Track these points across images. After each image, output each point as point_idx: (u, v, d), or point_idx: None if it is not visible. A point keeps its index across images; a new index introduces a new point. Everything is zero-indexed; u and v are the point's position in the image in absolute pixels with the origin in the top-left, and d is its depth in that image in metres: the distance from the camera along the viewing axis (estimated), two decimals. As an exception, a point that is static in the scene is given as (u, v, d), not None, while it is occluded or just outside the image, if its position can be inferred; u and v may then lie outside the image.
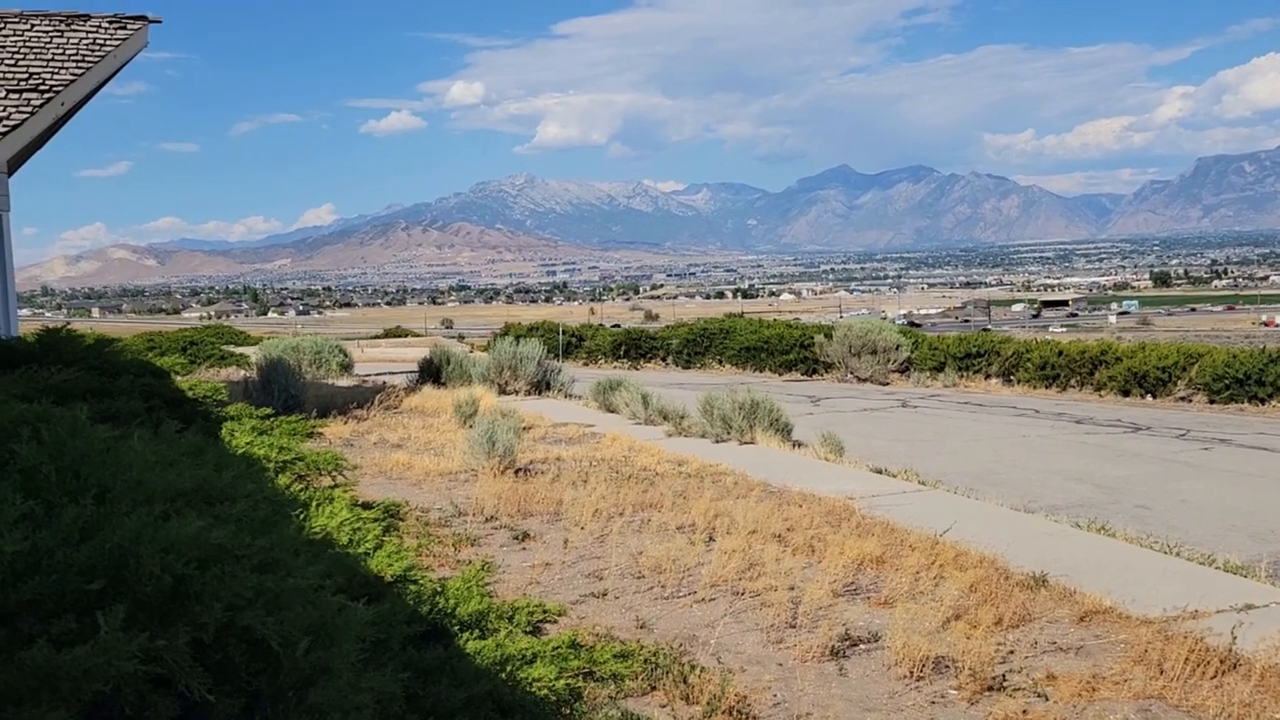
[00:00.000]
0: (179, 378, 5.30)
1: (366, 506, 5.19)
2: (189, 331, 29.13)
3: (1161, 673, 5.28)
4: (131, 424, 3.66)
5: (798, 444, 13.34)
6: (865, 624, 6.36)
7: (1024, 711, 4.90)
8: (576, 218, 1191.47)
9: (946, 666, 5.60)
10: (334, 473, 5.37)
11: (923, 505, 9.40)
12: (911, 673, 5.51)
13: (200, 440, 2.75)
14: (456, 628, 3.18)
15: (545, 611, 3.46)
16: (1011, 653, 5.76)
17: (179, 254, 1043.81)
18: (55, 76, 13.04)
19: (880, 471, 11.27)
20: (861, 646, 6.02)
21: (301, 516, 2.54)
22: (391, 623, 2.74)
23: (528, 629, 3.37)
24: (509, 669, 2.69)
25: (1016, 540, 7.96)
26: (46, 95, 12.69)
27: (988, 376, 24.15)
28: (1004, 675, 5.42)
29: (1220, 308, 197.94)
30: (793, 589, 6.87)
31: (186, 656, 1.39)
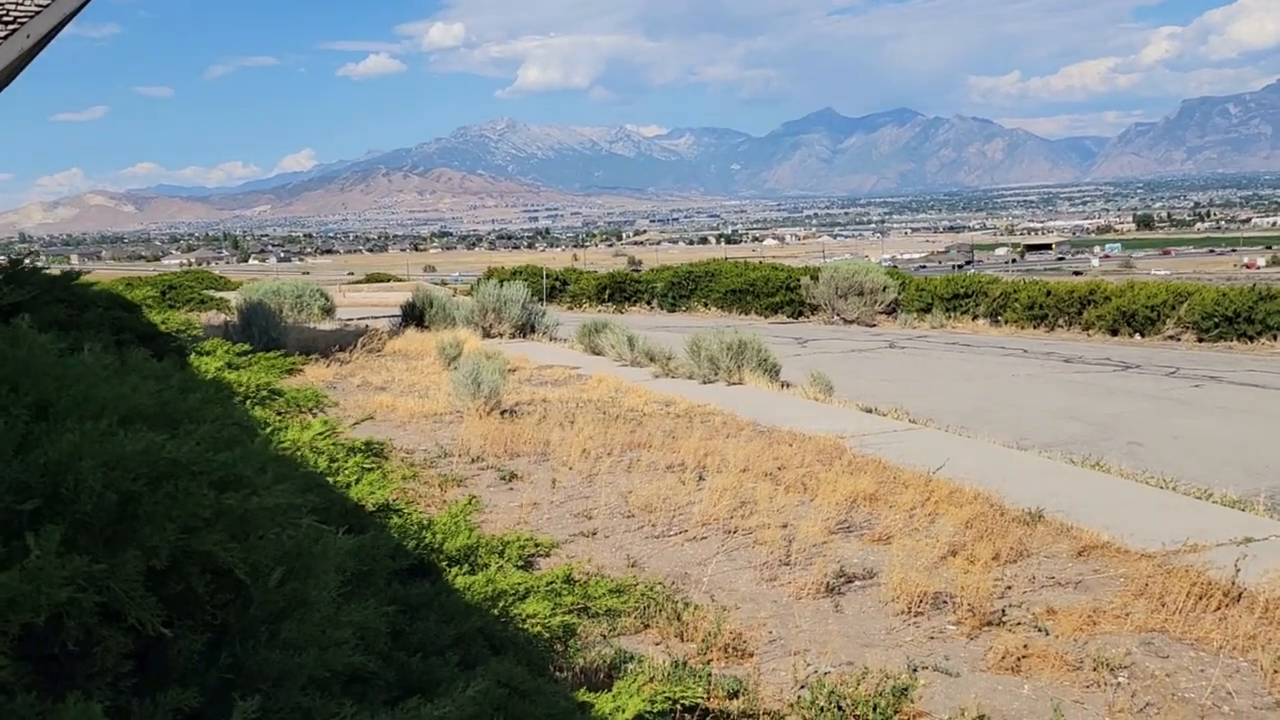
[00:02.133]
0: (151, 312, 5.07)
1: (348, 447, 5.00)
2: (169, 276, 28.67)
3: (1163, 606, 5.19)
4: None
5: (786, 384, 13.20)
6: (860, 561, 6.26)
7: (1024, 646, 4.81)
8: (559, 163, 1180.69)
9: (944, 602, 5.50)
10: (315, 409, 5.17)
11: (914, 443, 9.29)
12: (909, 608, 5.42)
13: (167, 366, 2.55)
14: (445, 563, 3.02)
15: (537, 545, 3.31)
16: (1010, 588, 5.67)
17: (157, 200, 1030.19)
18: (20, 7, 12.55)
19: (870, 411, 11.15)
20: (857, 583, 5.92)
21: (272, 435, 2.35)
22: (375, 555, 2.57)
23: (519, 564, 3.22)
24: (501, 605, 2.52)
25: (1011, 477, 7.87)
26: (11, 26, 12.22)
27: (975, 318, 24.05)
28: (1003, 610, 5.33)
29: (1204, 250, 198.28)
30: (785, 527, 6.76)
31: (136, 585, 1.21)
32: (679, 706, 4.01)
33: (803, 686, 4.46)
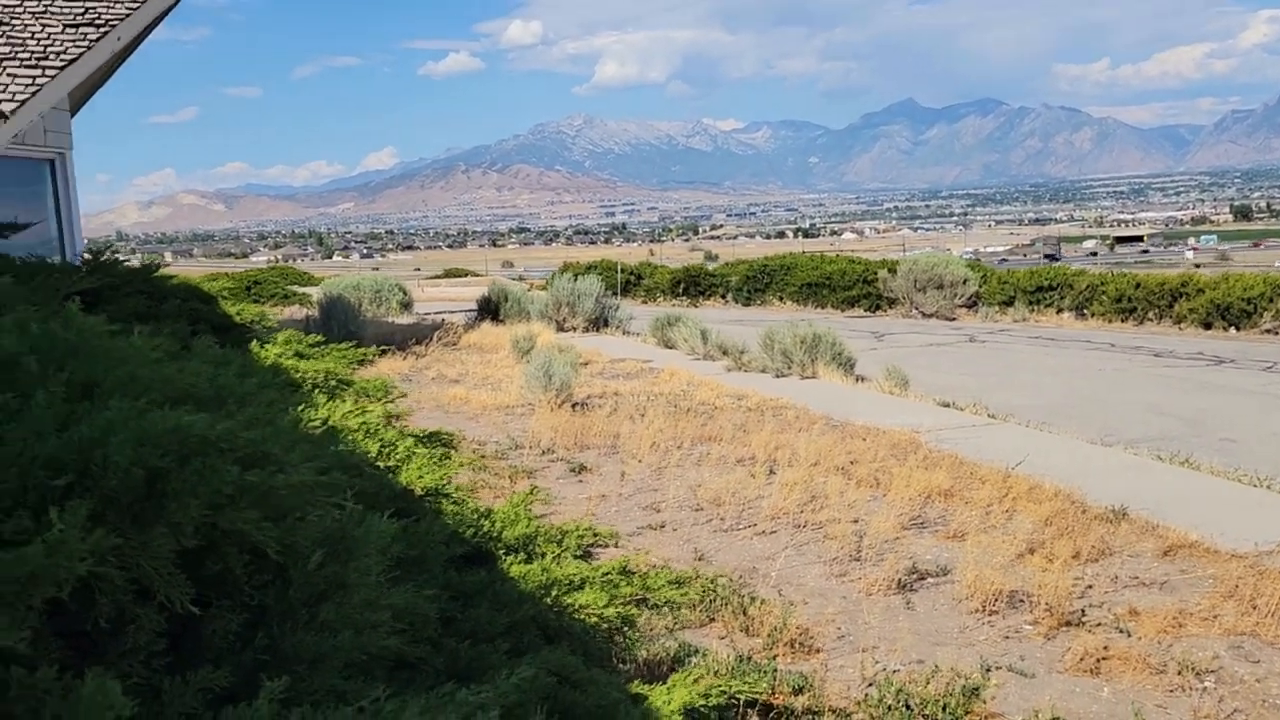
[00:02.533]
0: (227, 304, 5.18)
1: (418, 436, 5.04)
2: (254, 272, 29.43)
3: (1254, 609, 4.96)
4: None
5: (861, 378, 13.00)
6: (934, 557, 6.12)
7: (1105, 647, 4.63)
8: (635, 158, 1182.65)
9: (1021, 601, 5.34)
10: (384, 399, 5.23)
11: (993, 438, 9.06)
12: (984, 606, 5.27)
13: (229, 353, 2.58)
14: (502, 551, 3.00)
15: (596, 536, 3.28)
16: (1090, 587, 5.48)
17: (245, 199, 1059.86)
18: (111, 11, 12.96)
19: (947, 405, 10.91)
20: (930, 580, 5.78)
21: (309, 415, 2.37)
22: (429, 541, 2.56)
23: (577, 554, 3.19)
24: (554, 594, 2.50)
25: (1094, 473, 7.61)
26: (103, 30, 12.63)
27: (1060, 311, 23.40)
28: (1083, 610, 5.15)
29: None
30: (856, 522, 6.64)
31: (166, 563, 1.20)
32: (740, 701, 3.95)
33: (870, 684, 4.37)
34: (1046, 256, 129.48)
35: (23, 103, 9.28)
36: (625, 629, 2.89)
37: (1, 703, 0.99)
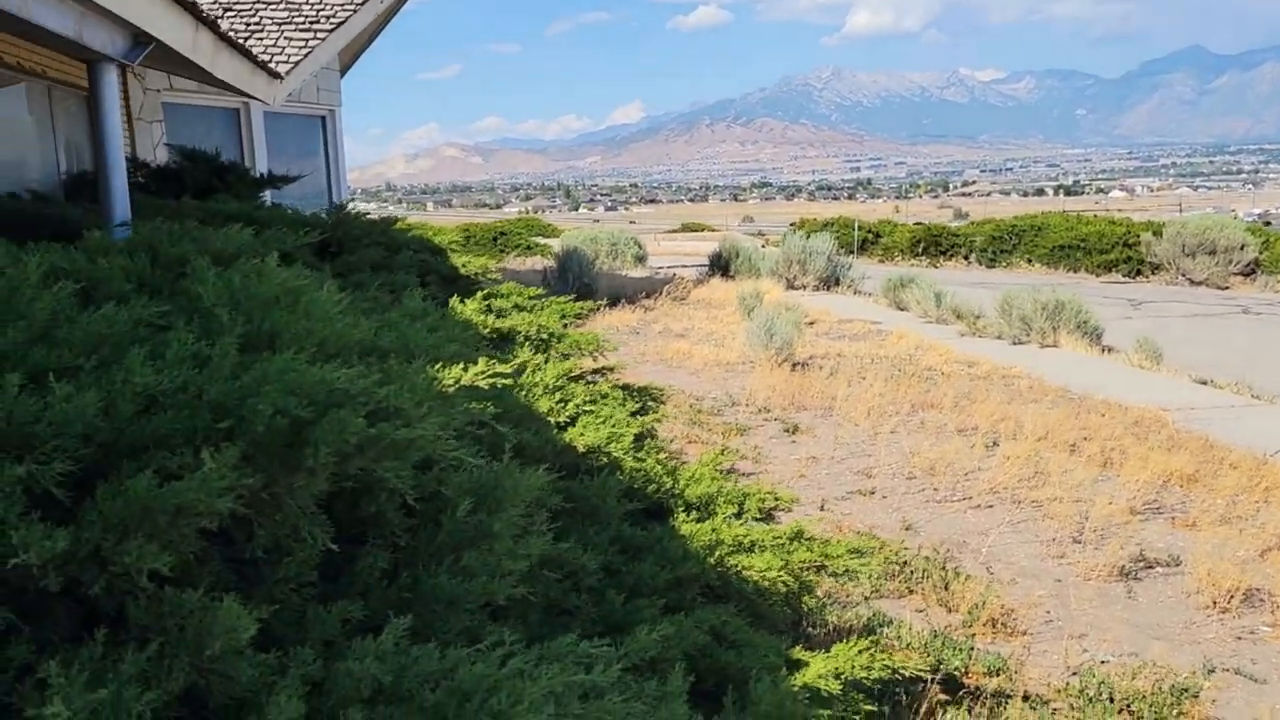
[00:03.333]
0: (455, 256, 5.51)
1: (627, 389, 5.20)
2: (501, 224, 30.91)
3: None
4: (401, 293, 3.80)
5: (1108, 349, 12.16)
6: (1165, 545, 5.70)
7: (1355, 661, 4.19)
8: (884, 111, 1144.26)
9: (1260, 600, 4.91)
10: (595, 354, 5.41)
11: (1253, 421, 8.28)
12: (1215, 603, 4.88)
13: (426, 307, 2.76)
14: (681, 509, 3.07)
15: (777, 499, 3.28)
16: (1347, 593, 4.95)
17: (500, 152, 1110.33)
18: (377, -27, 13.86)
19: (1204, 382, 10.03)
20: (1158, 570, 5.40)
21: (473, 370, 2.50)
22: (603, 495, 2.66)
23: (758, 516, 3.21)
24: (719, 553, 2.54)
25: (1369, 467, 6.82)
26: (368, -7, 13.55)
27: (1357, 282, 20.85)
28: (1333, 618, 4.67)
29: None
30: (1080, 502, 6.27)
31: (309, 503, 1.33)
32: (931, 677, 3.87)
33: (1074, 673, 4.16)
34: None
35: (296, 64, 10.12)
36: (803, 594, 2.90)
37: (156, 618, 1.14)
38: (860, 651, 2.54)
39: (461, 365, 1.42)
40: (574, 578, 2.24)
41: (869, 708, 2.54)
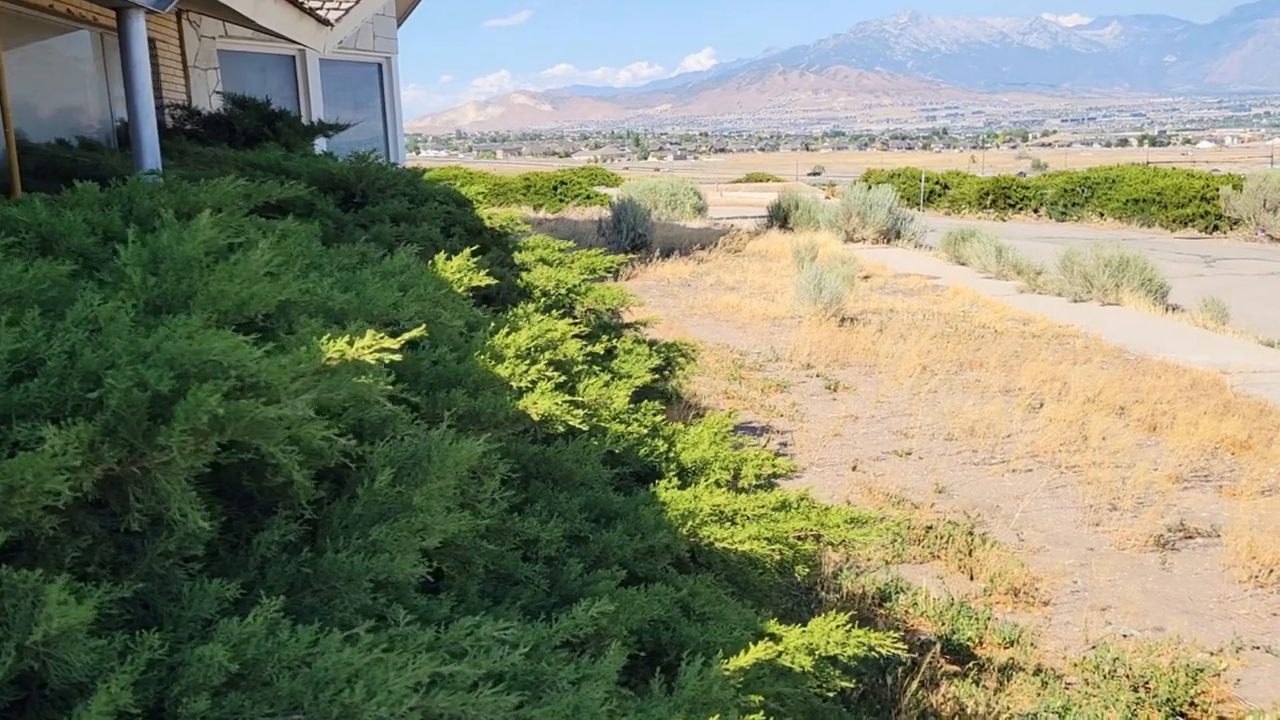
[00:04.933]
0: (480, 208, 5.45)
1: (652, 344, 5.11)
2: (563, 172, 30.75)
3: None
4: (429, 251, 3.77)
5: (1173, 308, 11.72)
6: (1209, 515, 5.50)
7: (1394, 644, 4.00)
8: (962, 58, 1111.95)
9: (1301, 577, 4.70)
10: (620, 310, 5.33)
11: (1318, 387, 7.92)
12: (1252, 577, 4.70)
13: (405, 264, 2.71)
14: (675, 472, 3.01)
15: (775, 465, 3.19)
16: (1396, 571, 4.72)
17: (571, 99, 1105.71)
18: (429, -77, 13.74)
19: (1271, 344, 9.62)
20: (1198, 540, 5.20)
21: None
22: (584, 460, 2.61)
23: (756, 483, 3.13)
24: (689, 524, 2.47)
25: None
26: (421, -58, 13.44)
27: None
28: (1378, 598, 4.46)
29: None
30: (1122, 468, 6.07)
31: (180, 479, 1.29)
32: (944, 645, 3.78)
33: (1093, 646, 4.03)
34: None
35: (347, 10, 10.09)
36: (796, 564, 2.82)
37: (-8, 599, 1.11)
38: (837, 627, 2.46)
39: (346, 338, 1.36)
40: (531, 546, 2.19)
41: (845, 684, 2.47)
